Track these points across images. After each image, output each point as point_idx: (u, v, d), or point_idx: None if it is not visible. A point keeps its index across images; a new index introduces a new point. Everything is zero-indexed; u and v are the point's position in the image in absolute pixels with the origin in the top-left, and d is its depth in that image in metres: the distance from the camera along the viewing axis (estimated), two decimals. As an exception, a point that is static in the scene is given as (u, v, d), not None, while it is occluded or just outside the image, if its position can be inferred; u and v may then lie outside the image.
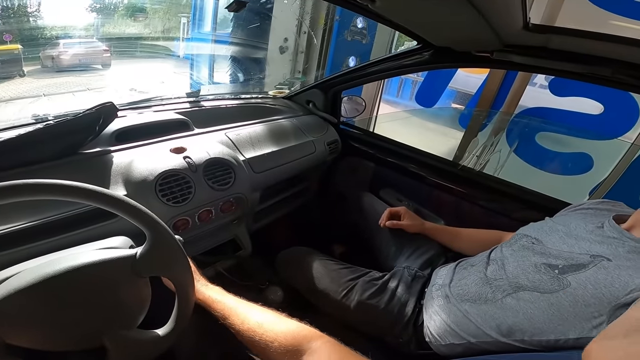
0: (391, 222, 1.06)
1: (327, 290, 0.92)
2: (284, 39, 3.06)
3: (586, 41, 0.74)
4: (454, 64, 1.11)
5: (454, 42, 0.99)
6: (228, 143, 1.02)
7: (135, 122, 0.93)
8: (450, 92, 4.15)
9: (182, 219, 0.82)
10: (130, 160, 0.82)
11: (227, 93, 1.44)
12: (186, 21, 3.63)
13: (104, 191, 0.47)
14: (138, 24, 3.36)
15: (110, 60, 3.22)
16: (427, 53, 1.12)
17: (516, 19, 0.65)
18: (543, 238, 0.73)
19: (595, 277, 0.58)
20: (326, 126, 1.44)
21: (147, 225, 0.51)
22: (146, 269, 0.52)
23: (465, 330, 0.72)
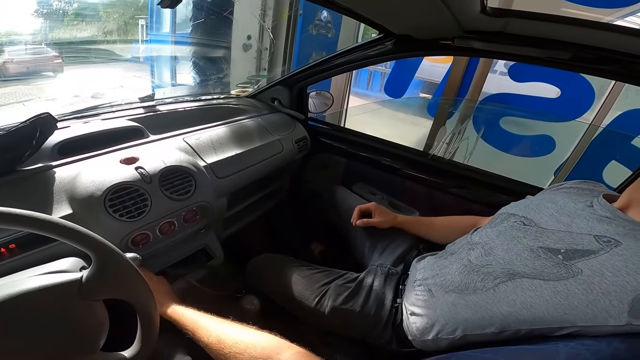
0: (362, 221, 1.03)
1: (300, 298, 0.89)
2: (247, 37, 2.99)
3: (543, 24, 0.74)
4: (416, 52, 1.10)
5: (414, 29, 0.97)
6: (187, 149, 0.95)
7: (80, 132, 0.85)
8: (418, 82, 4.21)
9: (141, 234, 0.76)
10: (76, 175, 0.74)
11: (185, 95, 1.36)
12: (144, 23, 3.46)
13: (27, 214, 0.42)
14: (91, 27, 3.17)
15: (62, 67, 3.03)
16: (389, 42, 1.10)
17: (474, 3, 0.64)
18: (533, 217, 0.70)
19: (612, 264, 0.56)
20: (293, 123, 1.39)
21: (88, 247, 0.47)
22: (95, 292, 0.49)
23: (454, 324, 0.69)
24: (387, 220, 1.02)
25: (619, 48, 0.76)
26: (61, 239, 0.45)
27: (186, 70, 3.13)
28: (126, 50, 3.43)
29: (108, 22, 3.37)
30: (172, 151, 0.89)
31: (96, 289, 0.49)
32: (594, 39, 0.76)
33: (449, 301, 0.71)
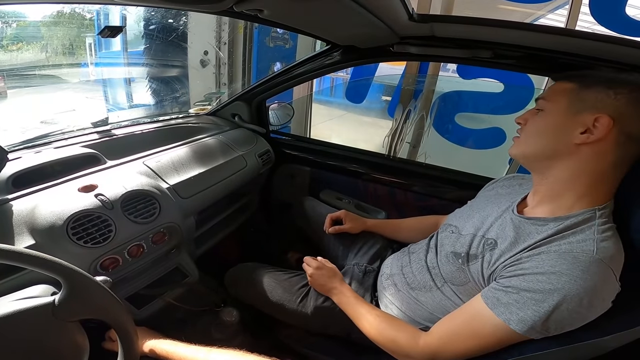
0: (334, 228, 1.08)
1: (282, 301, 0.92)
2: (204, 52, 2.96)
3: (465, 26, 0.82)
4: (362, 60, 1.18)
5: (355, 40, 1.03)
6: (148, 172, 0.95)
7: (33, 163, 0.83)
8: (379, 86, 4.33)
9: (109, 258, 0.75)
10: (34, 207, 0.72)
11: (142, 117, 1.35)
12: (92, 42, 3.31)
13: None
14: (34, 48, 3.00)
15: (6, 92, 2.84)
16: (337, 53, 1.16)
17: (401, 12, 0.69)
18: (460, 225, 0.78)
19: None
20: (255, 138, 1.41)
21: (55, 272, 0.48)
22: (69, 313, 0.50)
23: (420, 316, 0.76)
24: (358, 225, 1.08)
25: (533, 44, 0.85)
26: (29, 267, 0.46)
27: (141, 91, 3.05)
28: (75, 72, 3.28)
29: (52, 41, 3.21)
30: (133, 175, 0.89)
31: (70, 310, 0.50)
32: (510, 37, 0.85)
33: (414, 296, 0.78)
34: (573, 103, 0.60)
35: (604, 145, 0.57)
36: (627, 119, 0.56)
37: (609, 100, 0.57)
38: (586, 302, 0.51)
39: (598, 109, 0.57)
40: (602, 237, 0.55)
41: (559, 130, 0.61)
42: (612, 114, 0.56)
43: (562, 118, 0.61)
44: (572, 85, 0.62)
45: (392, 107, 3.00)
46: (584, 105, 0.59)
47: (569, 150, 0.60)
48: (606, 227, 0.56)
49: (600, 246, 0.53)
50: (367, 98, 3.24)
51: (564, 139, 0.60)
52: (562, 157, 0.61)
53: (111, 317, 0.54)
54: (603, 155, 0.58)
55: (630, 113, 0.56)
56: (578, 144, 0.59)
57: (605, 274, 0.52)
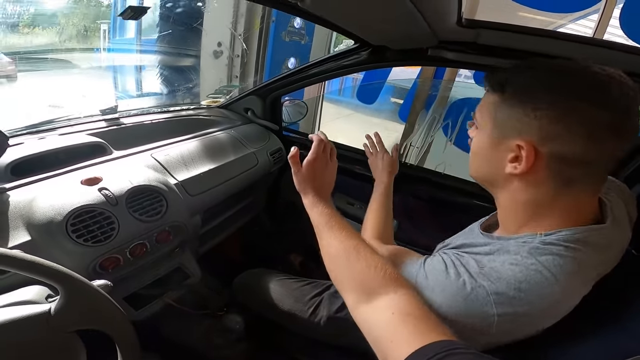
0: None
1: (293, 311, 0.88)
2: (218, 43, 2.92)
3: (513, 35, 0.76)
4: (391, 62, 1.11)
5: (390, 40, 0.97)
6: (155, 166, 0.90)
7: (35, 150, 0.78)
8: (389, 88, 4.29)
9: (110, 258, 0.70)
10: (32, 198, 0.68)
11: (153, 107, 1.30)
12: (106, 28, 3.29)
13: None
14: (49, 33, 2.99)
15: (16, 74, 2.83)
16: (365, 52, 1.10)
17: (451, 14, 0.65)
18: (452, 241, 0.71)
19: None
20: (268, 135, 1.36)
21: (52, 279, 0.44)
22: (66, 324, 0.46)
23: None
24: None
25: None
26: (20, 272, 0.42)
27: (153, 79, 3.01)
28: (87, 58, 3.26)
29: (67, 27, 3.19)
30: (140, 169, 0.84)
31: (66, 321, 0.46)
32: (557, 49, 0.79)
33: None
34: (496, 125, 0.50)
35: (534, 175, 0.47)
36: (554, 140, 0.44)
37: (528, 121, 0.46)
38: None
39: (520, 133, 0.47)
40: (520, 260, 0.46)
41: (489, 157, 0.52)
42: (534, 139, 0.45)
43: (488, 142, 0.52)
44: (495, 99, 0.51)
45: (404, 111, 2.94)
46: (506, 127, 0.49)
47: (503, 180, 0.51)
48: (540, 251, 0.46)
49: (497, 266, 0.46)
50: (377, 100, 3.19)
51: (495, 168, 0.51)
52: (499, 186, 0.53)
53: (112, 328, 0.50)
54: (537, 186, 0.48)
55: (558, 132, 0.44)
56: (510, 174, 0.49)
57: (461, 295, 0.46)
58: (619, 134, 0.43)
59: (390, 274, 0.48)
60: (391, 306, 0.44)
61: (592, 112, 0.42)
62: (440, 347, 0.35)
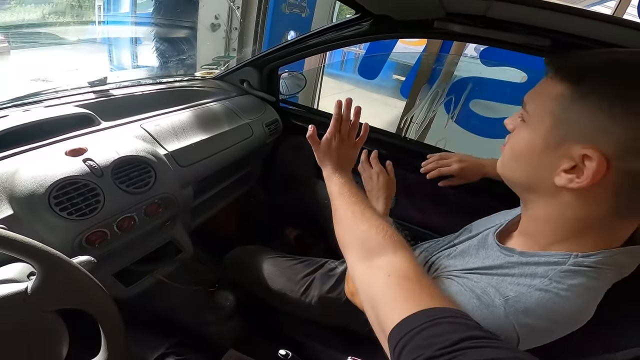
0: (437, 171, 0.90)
1: (284, 290, 0.87)
2: (215, 16, 2.81)
3: (527, 9, 0.70)
4: (394, 33, 1.05)
5: (394, 9, 0.92)
6: (145, 136, 0.87)
7: (19, 122, 0.75)
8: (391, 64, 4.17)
9: (96, 232, 0.68)
10: (15, 171, 0.65)
11: (145, 78, 1.25)
12: (101, 4, 3.20)
13: None
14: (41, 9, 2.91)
15: (9, 50, 2.78)
16: (366, 23, 1.04)
17: None
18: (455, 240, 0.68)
19: None
20: (264, 106, 1.32)
21: (27, 255, 0.41)
22: (44, 304, 0.44)
23: None
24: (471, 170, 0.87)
25: (598, 37, 0.73)
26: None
27: (148, 52, 2.94)
28: (81, 32, 3.18)
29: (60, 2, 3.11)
30: (128, 139, 0.81)
31: (44, 300, 0.44)
32: (575, 26, 0.73)
33: None
34: (558, 125, 0.40)
35: (594, 192, 0.38)
36: (635, 155, 0.35)
37: (609, 127, 0.36)
38: None
39: (592, 140, 0.37)
40: (549, 284, 0.40)
41: (536, 162, 0.43)
42: (610, 150, 0.36)
43: (541, 144, 0.42)
44: (563, 91, 0.40)
45: (406, 87, 2.86)
46: (574, 130, 0.39)
47: (547, 190, 0.42)
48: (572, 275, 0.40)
49: (524, 293, 0.41)
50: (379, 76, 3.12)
51: (542, 175, 0.42)
52: (539, 195, 0.44)
53: (94, 307, 0.48)
54: (592, 205, 0.39)
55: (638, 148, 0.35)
56: (559, 187, 0.40)
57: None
58: None
59: (390, 235, 0.49)
60: (388, 267, 0.44)
61: None
62: (432, 315, 0.35)
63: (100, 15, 3.23)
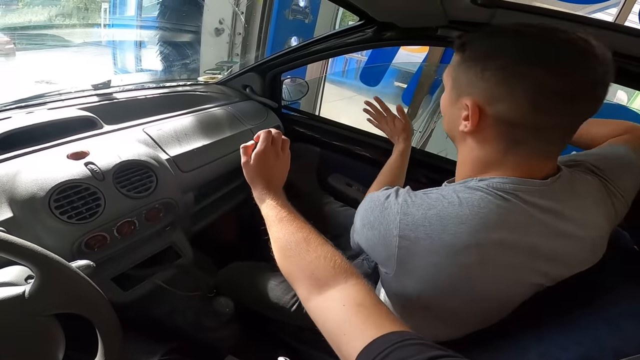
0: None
1: (279, 302, 0.87)
2: (220, 20, 2.83)
3: (531, 17, 0.69)
4: (398, 41, 1.06)
5: (398, 17, 0.92)
6: (147, 141, 0.87)
7: (22, 124, 0.75)
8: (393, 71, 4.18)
9: (96, 236, 0.68)
10: (16, 173, 0.65)
11: (148, 82, 1.26)
12: (107, 7, 3.23)
13: None
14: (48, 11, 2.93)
15: (14, 52, 2.80)
16: (370, 30, 1.04)
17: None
18: None
19: None
20: (266, 112, 1.32)
21: (26, 259, 0.41)
22: (41, 308, 0.44)
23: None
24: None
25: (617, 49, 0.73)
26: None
27: (151, 56, 2.95)
28: (87, 35, 3.21)
29: (67, 4, 3.13)
30: (130, 143, 0.81)
31: (42, 305, 0.44)
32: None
33: None
34: (455, 83, 0.51)
35: (482, 133, 0.48)
36: (498, 102, 0.44)
37: (477, 81, 0.46)
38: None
39: (469, 92, 0.48)
40: (441, 193, 0.48)
41: (449, 115, 0.54)
42: (480, 99, 0.46)
43: (448, 100, 0.54)
44: (457, 59, 0.51)
45: (407, 95, 2.87)
46: (460, 86, 0.50)
47: (460, 137, 0.53)
48: (465, 191, 0.47)
49: (413, 198, 0.49)
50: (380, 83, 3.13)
51: (454, 125, 0.53)
52: (458, 142, 0.54)
53: (92, 312, 0.48)
54: (485, 144, 0.49)
55: (500, 95, 0.44)
56: (463, 132, 0.50)
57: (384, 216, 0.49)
58: (571, 103, 0.42)
59: (340, 264, 0.46)
60: (342, 297, 0.43)
61: (539, 78, 0.41)
62: (394, 339, 0.34)
63: (105, 18, 3.25)
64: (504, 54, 0.44)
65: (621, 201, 0.53)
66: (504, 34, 0.47)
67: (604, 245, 0.52)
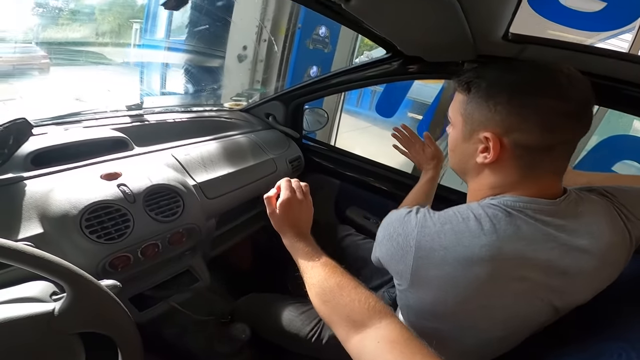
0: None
1: (300, 334, 0.85)
2: (243, 47, 2.94)
3: (559, 52, 0.71)
4: (422, 74, 1.07)
5: (425, 50, 0.93)
6: (175, 165, 0.89)
7: (57, 141, 0.78)
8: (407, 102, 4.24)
9: (120, 257, 0.69)
10: (49, 190, 0.67)
11: (176, 105, 1.30)
12: (139, 27, 3.39)
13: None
14: (84, 28, 3.08)
15: (49, 67, 2.91)
16: (397, 63, 1.06)
17: (500, 26, 0.62)
18: None
19: None
20: (288, 142, 1.34)
21: (60, 278, 0.42)
22: (69, 326, 0.44)
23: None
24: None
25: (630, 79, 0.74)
26: (29, 269, 0.39)
27: (177, 78, 3.05)
28: (117, 54, 3.35)
29: (102, 24, 3.29)
30: (159, 167, 0.83)
31: (70, 323, 0.44)
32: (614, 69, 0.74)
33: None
34: (466, 120, 0.55)
35: (501, 162, 0.52)
36: (514, 131, 0.49)
37: (491, 115, 0.50)
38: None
39: (485, 126, 0.51)
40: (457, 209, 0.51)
41: (462, 150, 0.57)
42: (497, 129, 0.50)
43: (461, 137, 0.57)
44: (463, 98, 0.55)
45: (422, 126, 2.89)
46: (474, 121, 0.53)
47: (476, 169, 0.56)
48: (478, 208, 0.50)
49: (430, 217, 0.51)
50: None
51: (468, 159, 0.56)
52: (473, 175, 0.57)
53: (117, 332, 0.48)
54: (503, 171, 0.53)
55: (515, 124, 0.49)
56: (481, 164, 0.53)
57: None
58: (572, 122, 0.48)
59: (373, 306, 0.49)
60: (377, 336, 0.45)
61: (544, 103, 0.47)
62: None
63: (137, 38, 3.40)
64: (508, 88, 0.49)
65: (637, 225, 0.55)
66: (503, 70, 0.53)
67: (618, 262, 0.54)
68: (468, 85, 0.54)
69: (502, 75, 0.51)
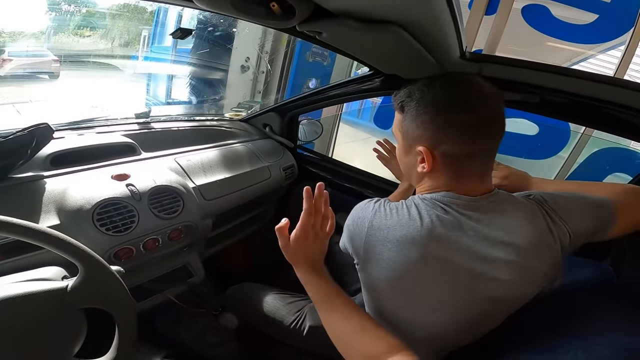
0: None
1: (284, 321, 0.91)
2: (246, 58, 3.05)
3: (514, 69, 0.81)
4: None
5: (400, 69, 1.02)
6: (177, 169, 0.99)
7: (74, 144, 0.88)
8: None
9: (125, 248, 0.77)
10: (66, 187, 0.76)
11: (180, 114, 1.40)
12: (147, 34, 3.50)
13: (21, 223, 0.45)
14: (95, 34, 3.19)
15: (59, 71, 2.99)
16: (378, 80, 1.15)
17: (453, 49, 0.71)
18: None
19: None
20: (282, 151, 1.44)
21: (76, 258, 0.50)
22: (79, 301, 0.52)
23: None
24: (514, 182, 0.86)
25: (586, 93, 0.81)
26: (51, 249, 0.48)
27: (182, 88, 3.16)
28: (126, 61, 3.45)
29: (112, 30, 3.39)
30: (163, 171, 0.92)
31: (80, 299, 0.51)
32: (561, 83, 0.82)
33: None
34: (405, 136, 0.63)
35: (436, 171, 0.60)
36: (441, 144, 0.57)
37: (420, 132, 0.59)
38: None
39: (419, 141, 0.59)
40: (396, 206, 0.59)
41: (406, 162, 0.66)
42: (428, 143, 0.58)
43: (403, 151, 0.65)
44: (400, 116, 0.64)
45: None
46: (409, 137, 0.62)
47: (419, 178, 0.64)
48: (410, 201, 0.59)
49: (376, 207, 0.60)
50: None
51: (411, 170, 0.64)
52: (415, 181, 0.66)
53: (118, 311, 0.55)
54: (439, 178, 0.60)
55: (442, 138, 0.57)
56: (422, 173, 0.61)
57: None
58: (484, 132, 0.56)
59: (392, 343, 0.52)
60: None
61: (459, 119, 0.55)
62: None
63: (145, 46, 3.51)
64: (430, 107, 0.58)
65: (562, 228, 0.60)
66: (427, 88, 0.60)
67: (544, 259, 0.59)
68: (402, 105, 0.63)
69: (426, 95, 0.59)
